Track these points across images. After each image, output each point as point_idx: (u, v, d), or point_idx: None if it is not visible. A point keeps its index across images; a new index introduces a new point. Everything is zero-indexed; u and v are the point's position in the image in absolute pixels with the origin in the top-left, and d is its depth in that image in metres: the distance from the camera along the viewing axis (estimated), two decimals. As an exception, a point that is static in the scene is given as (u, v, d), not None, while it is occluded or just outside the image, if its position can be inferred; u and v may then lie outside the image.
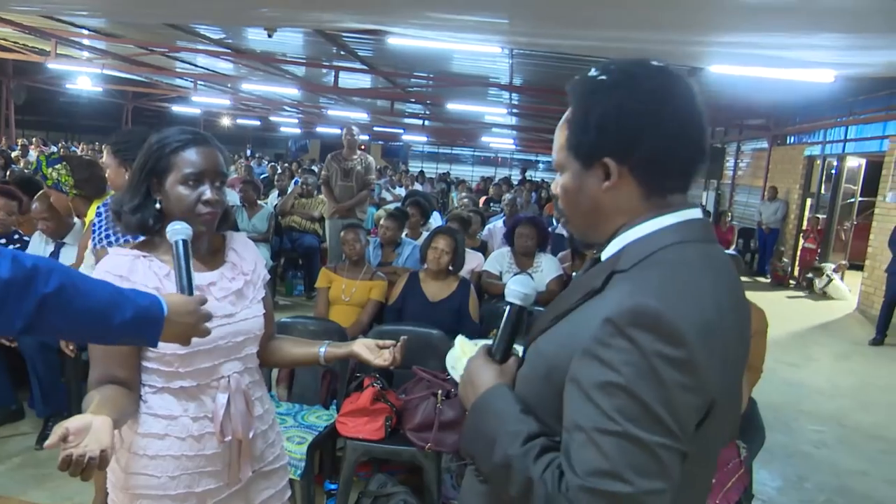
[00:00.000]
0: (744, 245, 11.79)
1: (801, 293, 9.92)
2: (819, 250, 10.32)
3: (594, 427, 0.83)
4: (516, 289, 1.12)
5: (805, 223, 10.81)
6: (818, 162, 10.92)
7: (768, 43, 4.80)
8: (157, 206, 1.39)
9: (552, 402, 0.91)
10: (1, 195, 3.60)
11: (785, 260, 10.46)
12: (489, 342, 1.30)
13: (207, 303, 1.28)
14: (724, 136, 14.82)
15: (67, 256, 3.32)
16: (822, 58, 5.16)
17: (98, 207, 2.51)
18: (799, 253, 10.80)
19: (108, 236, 2.39)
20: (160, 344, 1.20)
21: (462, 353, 1.32)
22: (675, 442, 0.83)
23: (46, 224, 3.35)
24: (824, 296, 9.55)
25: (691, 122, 0.93)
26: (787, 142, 12.04)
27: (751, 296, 1.25)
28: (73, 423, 1.05)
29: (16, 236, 3.65)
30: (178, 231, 1.32)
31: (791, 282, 10.51)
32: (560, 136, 1.00)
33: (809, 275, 9.93)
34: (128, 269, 1.35)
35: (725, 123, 13.48)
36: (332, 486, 2.84)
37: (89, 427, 1.06)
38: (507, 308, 1.12)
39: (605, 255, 1.00)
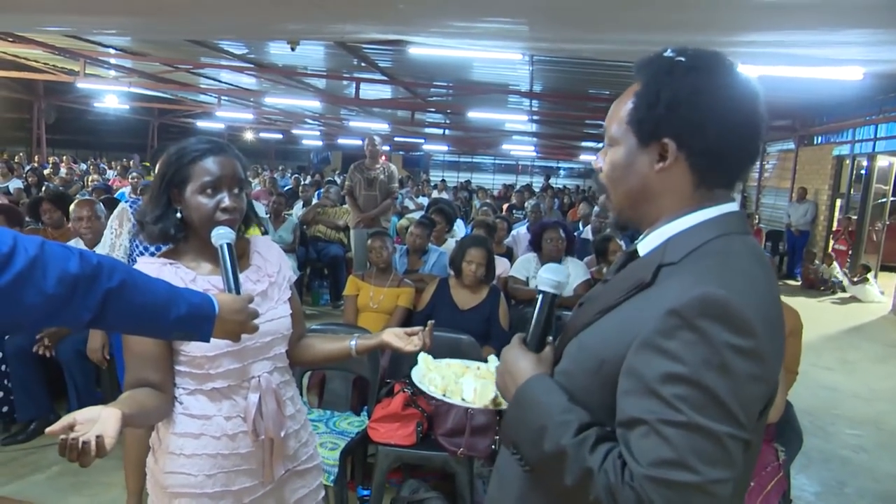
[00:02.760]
0: (772, 248, 11.59)
1: (833, 296, 9.72)
2: (850, 252, 10.11)
3: (658, 418, 0.82)
4: (549, 276, 1.11)
5: (835, 224, 10.59)
6: (847, 162, 10.72)
7: (794, 41, 4.74)
8: (178, 215, 1.42)
9: (602, 395, 0.91)
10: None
11: (817, 262, 10.25)
12: (453, 361, 1.33)
13: (254, 301, 1.31)
14: (748, 138, 14.61)
15: None
16: (851, 55, 5.08)
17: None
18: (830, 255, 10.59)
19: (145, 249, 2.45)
20: (195, 343, 1.25)
21: (427, 370, 1.34)
22: (742, 432, 0.83)
23: (88, 229, 3.41)
24: (854, 298, 9.35)
25: (753, 122, 0.94)
26: (815, 142, 11.84)
27: (783, 299, 1.23)
28: (81, 413, 1.09)
29: None
30: (222, 236, 1.36)
31: (821, 286, 10.31)
32: (619, 108, 0.99)
33: (837, 274, 9.76)
34: (156, 275, 1.37)
35: (750, 125, 13.28)
36: (365, 493, 2.84)
37: (97, 418, 1.09)
38: (540, 297, 1.11)
39: (643, 249, 0.99)
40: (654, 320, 0.85)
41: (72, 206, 3.62)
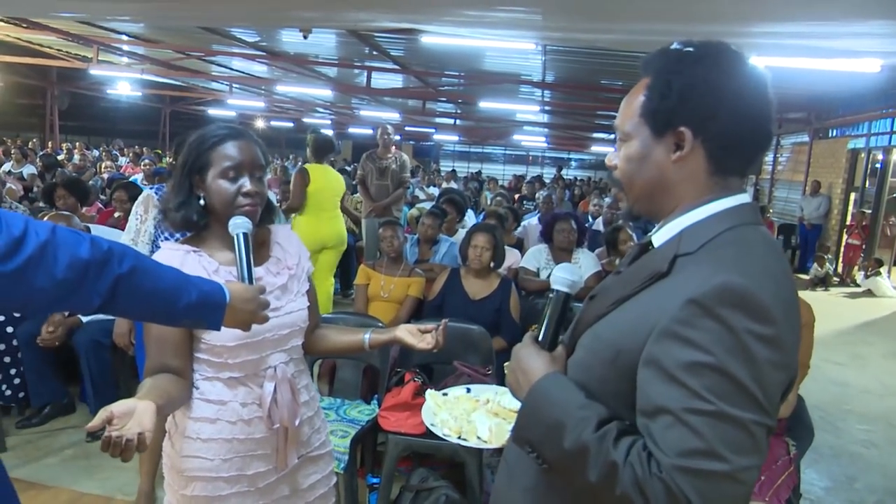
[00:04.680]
0: (784, 241, 11.50)
1: (845, 290, 9.65)
2: (864, 247, 10.01)
3: (683, 407, 0.82)
4: (563, 276, 1.10)
5: (849, 219, 10.49)
6: (862, 155, 10.60)
7: (811, 32, 4.67)
8: (201, 202, 1.42)
9: (619, 386, 0.91)
10: None
11: (829, 256, 10.17)
12: (459, 391, 1.32)
13: (266, 292, 1.31)
14: (762, 130, 14.47)
15: None
16: (869, 46, 5.00)
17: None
18: (843, 249, 10.50)
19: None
20: (215, 332, 1.25)
21: (437, 407, 1.32)
22: (766, 418, 0.83)
23: (123, 210, 3.43)
24: (868, 293, 9.28)
25: (764, 107, 0.96)
26: (830, 135, 11.71)
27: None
28: (117, 406, 1.09)
29: None
30: (239, 225, 1.36)
31: (835, 279, 10.23)
32: (631, 103, 1.00)
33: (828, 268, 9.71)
34: (179, 262, 1.38)
35: (764, 117, 13.16)
36: (375, 480, 2.86)
37: (133, 411, 1.10)
38: (553, 295, 1.11)
39: (657, 240, 1.00)
40: (674, 309, 0.85)
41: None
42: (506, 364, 1.10)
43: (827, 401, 4.69)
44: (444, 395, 1.34)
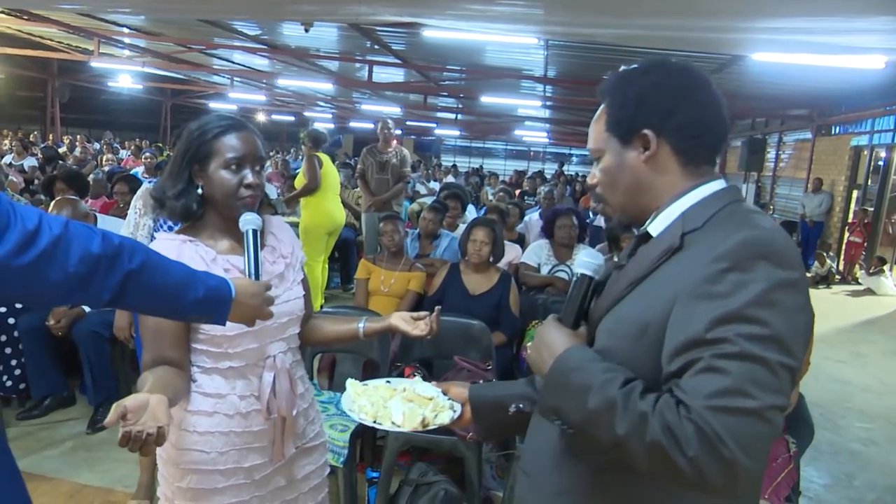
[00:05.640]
0: (786, 239, 11.48)
1: (847, 288, 9.65)
2: (866, 244, 10.00)
3: (711, 354, 0.85)
4: (588, 260, 1.14)
5: (851, 216, 10.47)
6: (865, 153, 10.58)
7: (815, 28, 4.65)
8: (199, 191, 1.42)
9: (649, 360, 0.94)
10: None
11: (831, 254, 10.16)
12: (379, 382, 1.38)
13: (272, 282, 1.33)
14: (764, 126, 14.46)
15: None
16: (873, 42, 4.98)
17: None
18: (844, 247, 10.48)
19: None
20: (219, 325, 1.25)
21: (356, 395, 1.35)
22: (793, 360, 0.86)
23: (125, 202, 3.43)
24: (869, 291, 9.28)
25: (714, 101, 1.04)
26: (832, 132, 11.68)
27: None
28: (130, 401, 1.08)
29: None
30: (249, 221, 1.38)
31: (836, 276, 10.23)
32: (597, 126, 1.11)
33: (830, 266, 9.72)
34: (177, 253, 1.38)
35: (766, 114, 13.15)
36: (374, 474, 2.86)
37: (146, 405, 1.09)
38: (577, 279, 1.14)
39: (654, 229, 1.05)
40: (699, 271, 0.90)
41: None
42: (528, 343, 1.12)
43: (827, 398, 4.68)
44: (365, 385, 1.38)
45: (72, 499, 2.74)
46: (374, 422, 1.28)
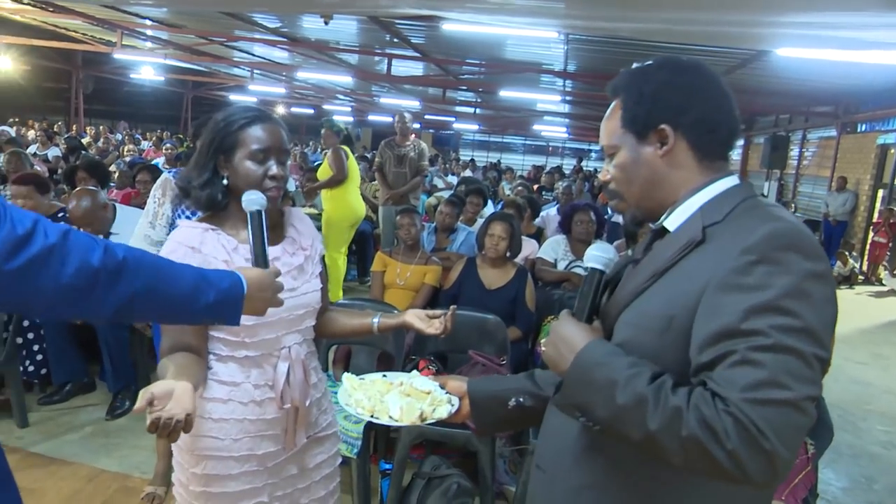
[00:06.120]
0: (808, 238, 11.30)
1: (870, 289, 9.48)
2: (891, 245, 9.82)
3: (745, 347, 0.85)
4: (598, 254, 1.13)
5: (876, 216, 10.28)
6: (892, 151, 10.36)
7: (841, 23, 4.56)
8: (224, 181, 1.43)
9: (675, 353, 0.94)
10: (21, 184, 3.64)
11: (854, 254, 9.98)
12: (375, 376, 1.38)
13: (283, 273, 1.33)
14: (788, 123, 14.24)
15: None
16: (902, 38, 4.87)
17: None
18: (868, 247, 10.30)
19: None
20: (233, 326, 1.25)
21: (352, 389, 1.34)
22: (825, 352, 0.87)
23: (147, 191, 3.42)
24: (892, 292, 9.11)
25: (725, 97, 1.05)
26: (858, 129, 11.46)
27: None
28: (157, 388, 1.10)
29: (60, 214, 3.65)
30: (253, 201, 1.35)
31: (859, 277, 10.05)
32: (610, 122, 1.10)
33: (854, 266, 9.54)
34: (199, 240, 1.39)
35: (790, 110, 12.95)
36: (387, 466, 2.87)
37: (172, 392, 1.11)
38: (588, 273, 1.13)
39: (671, 224, 1.04)
40: (727, 262, 0.90)
41: (11, 189, 3.60)
42: (542, 340, 1.11)
43: (848, 400, 4.61)
44: (361, 379, 1.37)
45: (90, 483, 2.78)
46: (372, 416, 1.28)
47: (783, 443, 0.81)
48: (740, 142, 16.97)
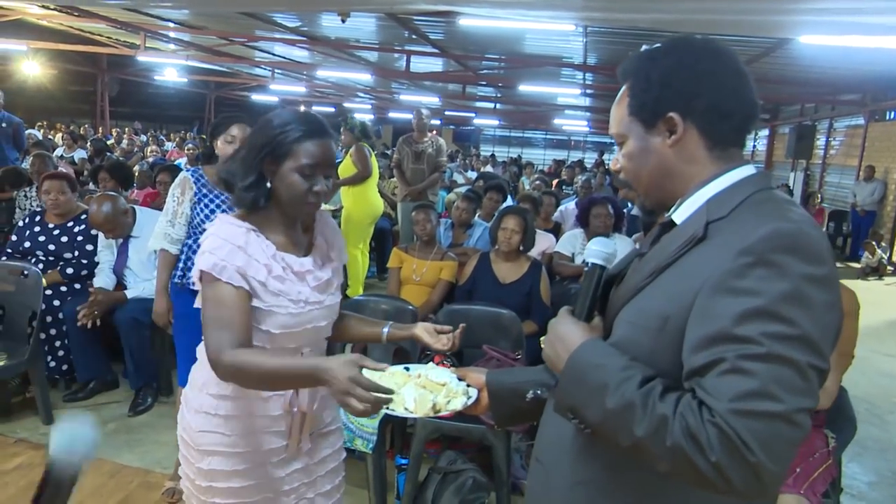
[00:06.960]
0: (835, 228, 11.09)
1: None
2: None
3: (737, 354, 0.81)
4: (597, 248, 1.10)
5: (905, 205, 10.04)
6: (922, 138, 10.10)
7: (869, 7, 4.44)
8: (268, 185, 1.43)
9: (669, 353, 0.91)
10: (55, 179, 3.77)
11: (884, 244, 9.75)
12: (397, 368, 1.36)
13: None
14: (814, 112, 13.94)
15: (137, 248, 3.55)
16: (931, 22, 4.73)
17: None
18: (898, 237, 10.07)
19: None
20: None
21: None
22: (822, 362, 0.84)
23: (166, 191, 3.49)
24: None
25: (743, 79, 0.99)
26: (887, 117, 11.19)
27: (844, 282, 1.20)
28: (367, 371, 1.21)
29: (83, 216, 3.74)
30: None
31: (888, 268, 9.82)
32: (618, 109, 1.06)
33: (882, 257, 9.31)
34: (244, 240, 1.40)
35: (816, 99, 12.66)
36: (403, 461, 2.88)
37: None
38: (588, 268, 1.11)
39: (679, 217, 1.01)
40: (723, 263, 0.86)
41: (45, 184, 3.76)
42: (542, 338, 1.10)
43: (875, 393, 4.52)
44: (381, 371, 1.37)
45: (112, 478, 2.84)
46: (387, 408, 1.28)
47: (770, 456, 0.78)
48: (765, 132, 16.67)
